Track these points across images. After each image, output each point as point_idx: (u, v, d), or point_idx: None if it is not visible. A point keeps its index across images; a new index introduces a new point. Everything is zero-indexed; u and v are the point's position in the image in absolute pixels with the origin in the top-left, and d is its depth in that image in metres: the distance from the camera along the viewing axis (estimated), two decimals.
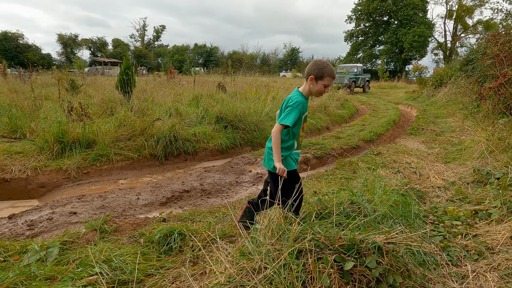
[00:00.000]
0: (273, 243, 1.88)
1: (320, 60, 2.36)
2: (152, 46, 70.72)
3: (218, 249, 2.21)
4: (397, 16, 43.45)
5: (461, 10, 42.08)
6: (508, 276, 2.06)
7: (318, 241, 1.93)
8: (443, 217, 2.98)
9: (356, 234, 2.03)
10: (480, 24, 41.45)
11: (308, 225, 2.06)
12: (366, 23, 47.26)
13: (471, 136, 6.25)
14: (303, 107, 2.37)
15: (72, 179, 4.76)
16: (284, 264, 1.75)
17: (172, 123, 5.84)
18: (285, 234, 1.99)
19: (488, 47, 6.95)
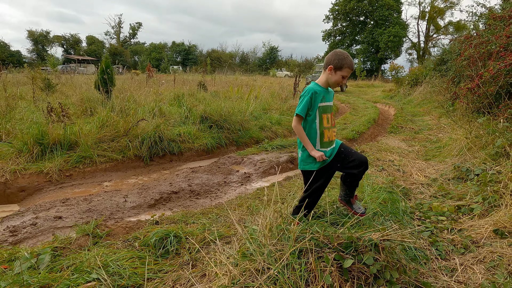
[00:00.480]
0: (274, 243, 1.91)
1: (340, 51, 2.34)
2: (128, 44, 69.09)
3: (217, 250, 2.21)
4: (373, 16, 44.49)
5: (433, 11, 43.58)
6: (494, 268, 2.17)
7: (317, 240, 1.97)
8: (428, 213, 3.10)
9: (352, 232, 2.09)
10: (451, 25, 43.09)
11: (306, 224, 2.10)
12: (343, 23, 48.13)
13: (448, 134, 6.51)
14: (315, 95, 2.33)
15: (54, 182, 4.61)
16: (286, 264, 1.78)
17: (156, 123, 5.76)
18: (284, 234, 2.02)
19: (462, 48, 7.25)
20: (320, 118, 2.37)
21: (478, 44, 6.32)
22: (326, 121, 2.39)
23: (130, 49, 65.06)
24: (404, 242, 2.09)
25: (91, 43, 61.37)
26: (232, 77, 36.11)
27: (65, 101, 9.13)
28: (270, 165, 5.24)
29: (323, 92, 2.39)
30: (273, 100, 10.68)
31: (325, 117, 2.38)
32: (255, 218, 2.79)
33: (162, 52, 63.33)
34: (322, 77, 2.41)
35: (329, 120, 2.42)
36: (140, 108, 7.20)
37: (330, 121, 2.42)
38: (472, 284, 2.07)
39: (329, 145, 2.44)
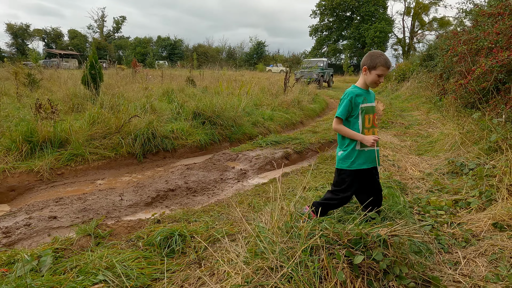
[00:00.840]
0: (285, 241, 1.90)
1: (374, 51, 2.36)
2: (112, 38, 67.66)
3: (224, 249, 2.19)
4: (360, 12, 44.84)
5: (418, 7, 44.21)
6: (496, 261, 2.23)
7: (327, 237, 1.98)
8: (427, 208, 3.16)
9: (360, 228, 2.10)
10: (435, 21, 43.84)
11: (315, 221, 2.10)
12: (330, 18, 48.34)
13: (438, 129, 6.63)
14: (355, 97, 2.36)
15: (45, 181, 4.48)
16: (299, 262, 1.78)
17: (149, 120, 5.66)
18: (294, 231, 2.01)
19: (451, 44, 7.38)
20: (362, 119, 2.39)
21: (467, 41, 6.43)
22: (368, 121, 2.41)
23: (114, 44, 63.76)
24: (412, 237, 2.12)
25: (73, 37, 59.80)
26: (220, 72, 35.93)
27: (51, 97, 8.87)
28: (266, 161, 5.23)
29: (364, 93, 2.41)
30: (263, 95, 10.65)
31: (367, 117, 2.41)
32: (259, 215, 2.78)
33: (147, 46, 62.31)
34: (361, 79, 2.45)
35: (370, 121, 2.43)
36: (130, 104, 7.07)
37: (371, 122, 2.44)
38: (476, 277, 2.11)
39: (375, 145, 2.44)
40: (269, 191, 3.70)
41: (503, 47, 5.00)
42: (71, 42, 58.49)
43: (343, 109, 2.37)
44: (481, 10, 6.43)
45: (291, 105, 9.71)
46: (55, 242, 2.41)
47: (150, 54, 56.96)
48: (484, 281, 2.06)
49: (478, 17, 6.85)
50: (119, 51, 63.80)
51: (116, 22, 67.34)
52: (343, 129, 2.39)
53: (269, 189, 3.81)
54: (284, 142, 6.12)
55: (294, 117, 8.86)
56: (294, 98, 10.12)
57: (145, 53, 59.10)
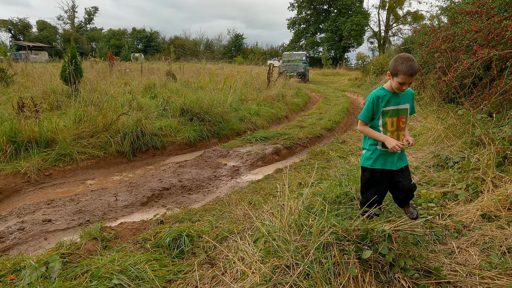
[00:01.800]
0: (298, 239, 1.97)
1: (401, 55, 2.21)
2: (84, 30, 65.18)
3: (235, 247, 2.24)
4: (336, 5, 45.29)
5: (393, 1, 45.14)
6: (488, 250, 2.39)
7: (337, 234, 2.07)
8: (418, 200, 3.31)
9: (366, 224, 2.20)
10: (409, 15, 44.97)
11: (323, 218, 2.18)
12: (307, 11, 48.54)
13: (420, 122, 6.90)
14: (378, 100, 2.33)
15: (33, 182, 4.35)
16: (314, 259, 1.85)
17: (137, 117, 5.57)
18: (305, 229, 2.09)
19: (430, 40, 7.63)
20: (383, 122, 2.36)
21: (445, 37, 6.67)
22: (390, 124, 2.36)
23: (87, 35, 61.46)
24: (414, 231, 2.24)
25: (42, 29, 57.14)
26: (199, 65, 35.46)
27: (27, 93, 8.52)
28: (257, 157, 5.29)
29: (389, 95, 2.33)
30: (248, 90, 10.67)
31: (389, 121, 2.35)
32: (261, 213, 2.84)
33: (122, 39, 60.48)
34: (389, 81, 2.39)
35: (394, 124, 2.37)
36: (114, 100, 6.91)
37: (395, 125, 2.37)
38: (471, 265, 2.27)
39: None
40: (266, 188, 3.77)
41: (482, 44, 5.25)
42: (40, 33, 55.89)
43: (364, 112, 2.38)
44: (460, 8, 6.69)
45: (276, 99, 9.78)
46: (61, 247, 2.38)
47: (125, 46, 55.42)
48: (478, 269, 2.21)
49: (456, 14, 7.11)
50: (92, 43, 61.62)
51: (88, 13, 64.88)
52: (367, 130, 2.41)
53: (265, 186, 3.88)
54: (273, 138, 6.19)
55: (279, 112, 8.94)
56: (278, 92, 10.20)
57: (119, 46, 57.37)
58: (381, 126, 2.38)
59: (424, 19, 39.19)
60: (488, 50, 4.43)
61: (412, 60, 2.16)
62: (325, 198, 2.79)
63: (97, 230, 2.49)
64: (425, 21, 37.08)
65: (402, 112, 2.38)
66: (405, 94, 2.38)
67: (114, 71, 17.43)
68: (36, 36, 56.01)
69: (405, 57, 2.18)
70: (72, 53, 8.11)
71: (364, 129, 2.43)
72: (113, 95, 7.96)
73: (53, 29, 58.56)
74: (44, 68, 17.49)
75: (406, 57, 2.18)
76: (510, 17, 4.79)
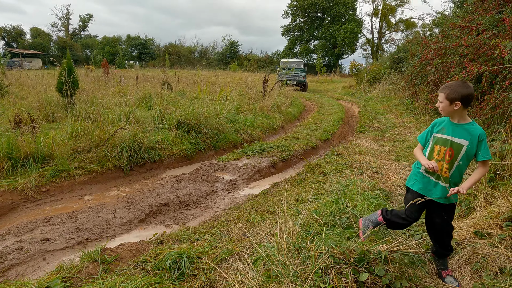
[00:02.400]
0: (297, 263, 2.02)
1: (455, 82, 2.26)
2: (78, 37, 65.10)
3: (235, 269, 2.28)
4: (330, 13, 45.84)
5: (385, 9, 45.81)
6: (480, 270, 2.46)
7: (335, 256, 2.12)
8: None
9: (363, 245, 2.26)
10: (402, 22, 45.65)
11: (321, 241, 2.23)
12: (301, 19, 49.05)
13: (412, 133, 7.01)
14: (435, 125, 2.36)
15: (30, 199, 4.35)
16: (313, 283, 1.90)
17: (134, 131, 5.60)
18: (304, 253, 2.14)
19: (422, 52, 7.80)
20: (431, 147, 2.35)
21: (437, 49, 6.82)
22: (436, 152, 2.31)
23: (81, 42, 61.39)
24: (409, 252, 2.30)
25: (36, 36, 56.94)
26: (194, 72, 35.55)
27: (22, 105, 8.50)
28: (254, 170, 5.34)
29: (446, 123, 2.30)
30: (243, 100, 10.75)
31: (436, 148, 2.31)
32: (259, 231, 2.88)
33: (117, 46, 60.50)
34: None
35: (441, 153, 2.29)
36: (109, 112, 6.94)
37: (441, 154, 2.29)
38: (465, 285, 2.33)
39: (436, 177, 2.33)
40: (263, 205, 3.81)
41: (472, 59, 5.38)
42: (34, 41, 55.69)
43: (422, 134, 2.46)
44: (451, 22, 6.85)
45: (271, 109, 9.86)
46: (61, 270, 2.39)
47: (119, 53, 55.39)
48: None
49: (446, 27, 7.28)
50: (86, 50, 61.54)
51: (82, 20, 64.86)
52: (416, 152, 2.45)
53: (263, 202, 3.92)
54: (269, 150, 6.25)
55: (275, 122, 9.01)
56: (274, 102, 10.28)
57: (114, 53, 57.35)
58: (428, 150, 2.38)
59: (416, 27, 39.80)
60: (478, 66, 4.56)
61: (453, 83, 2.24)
62: (322, 216, 2.84)
63: (98, 253, 2.52)
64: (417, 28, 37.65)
65: (453, 145, 2.24)
66: (468, 131, 2.23)
67: (109, 79, 17.46)
68: (30, 43, 55.82)
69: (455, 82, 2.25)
70: (68, 65, 8.13)
71: (416, 150, 2.47)
72: (107, 105, 7.99)
73: (47, 36, 58.40)
74: (38, 77, 17.46)
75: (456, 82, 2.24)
76: (499, 33, 4.93)
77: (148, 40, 60.88)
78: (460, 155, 2.24)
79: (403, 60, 14.40)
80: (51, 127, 6.72)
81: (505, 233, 2.71)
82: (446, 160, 2.27)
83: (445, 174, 2.28)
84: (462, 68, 5.23)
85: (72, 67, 8.31)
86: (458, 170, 2.29)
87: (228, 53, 56.22)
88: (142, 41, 60.28)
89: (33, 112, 7.50)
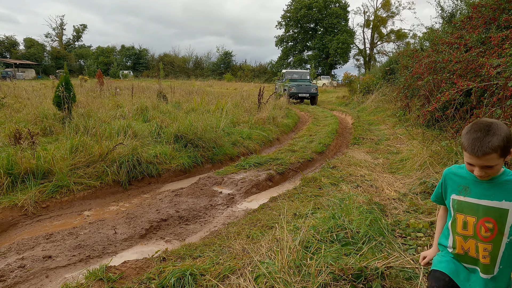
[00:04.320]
0: (298, 280, 2.11)
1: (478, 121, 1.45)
2: (72, 47, 65.20)
3: (239, 287, 2.35)
4: (323, 24, 46.65)
5: (377, 20, 46.74)
6: None
7: (334, 273, 2.21)
8: (407, 230, 3.50)
9: (359, 260, 2.36)
10: (393, 33, 46.58)
11: (320, 257, 2.32)
12: (295, 29, 49.81)
13: (406, 145, 7.18)
14: (449, 179, 1.65)
15: (30, 215, 4.38)
16: None
17: (133, 146, 5.68)
18: (303, 269, 2.23)
19: (413, 65, 8.03)
20: (453, 217, 1.61)
21: (428, 64, 7.04)
22: (462, 225, 1.56)
23: (75, 53, 61.45)
24: (405, 268, 2.40)
25: (29, 46, 56.95)
26: (188, 83, 35.78)
27: (19, 118, 8.53)
28: (251, 184, 5.43)
29: (467, 179, 1.56)
30: (239, 112, 10.88)
31: (460, 218, 1.57)
32: (259, 247, 2.96)
33: (111, 56, 60.69)
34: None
35: (468, 226, 1.54)
36: (107, 125, 7.00)
37: (470, 228, 1.53)
38: None
39: (467, 262, 1.57)
40: (262, 220, 3.90)
41: (461, 74, 5.59)
42: (28, 51, 55.64)
43: (434, 192, 1.76)
44: (440, 38, 7.10)
45: (267, 122, 10.00)
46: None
47: (113, 63, 55.51)
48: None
49: (436, 42, 7.52)
50: (80, 61, 61.61)
51: (76, 31, 65.07)
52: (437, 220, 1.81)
53: (261, 217, 4.01)
54: (266, 163, 6.35)
55: (270, 134, 9.14)
56: (269, 114, 10.43)
57: (108, 63, 57.48)
58: (450, 222, 1.64)
59: (407, 37, 40.61)
60: (467, 82, 4.75)
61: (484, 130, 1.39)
62: (320, 232, 2.93)
63: (103, 271, 2.58)
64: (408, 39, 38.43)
65: (489, 212, 1.48)
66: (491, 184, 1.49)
67: (104, 90, 17.52)
68: (23, 54, 55.76)
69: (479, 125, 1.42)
70: (65, 79, 8.20)
71: (438, 216, 1.80)
72: (104, 118, 8.06)
73: (40, 47, 58.42)
74: (34, 88, 17.46)
75: (480, 125, 1.42)
76: (486, 51, 5.15)
77: (142, 50, 61.20)
78: (508, 226, 1.46)
79: (395, 72, 14.71)
80: (48, 141, 6.76)
81: None
82: (482, 237, 1.50)
83: (484, 260, 1.50)
84: (452, 84, 5.43)
85: (70, 81, 8.38)
86: (509, 252, 1.48)
87: (222, 63, 56.68)
88: (136, 51, 60.58)
89: (30, 126, 7.53)
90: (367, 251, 2.58)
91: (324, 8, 45.95)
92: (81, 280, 2.63)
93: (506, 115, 4.12)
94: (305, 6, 45.69)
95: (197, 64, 60.59)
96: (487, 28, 5.78)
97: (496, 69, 4.40)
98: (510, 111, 4.12)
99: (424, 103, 6.12)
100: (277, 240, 2.92)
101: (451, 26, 7.96)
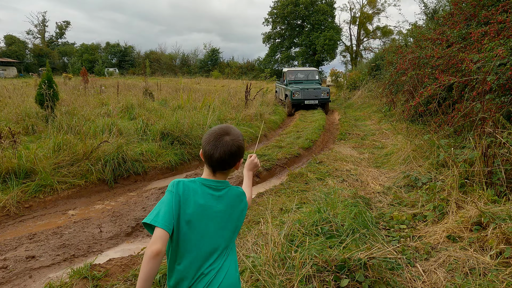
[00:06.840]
0: (283, 273, 2.13)
1: (214, 128, 1.38)
2: (55, 44, 63.70)
3: None
4: (310, 21, 46.73)
5: (363, 17, 47.12)
6: (453, 271, 2.64)
7: (317, 265, 2.25)
8: (391, 222, 3.57)
9: (342, 252, 2.40)
10: (379, 30, 47.05)
11: (304, 250, 2.36)
12: (282, 26, 49.76)
13: (390, 140, 7.29)
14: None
15: (12, 215, 4.30)
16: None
17: (118, 144, 5.61)
18: (287, 261, 2.26)
19: (398, 61, 8.15)
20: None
21: (411, 60, 7.16)
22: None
23: (58, 50, 60.08)
24: (387, 258, 2.45)
25: (10, 43, 55.35)
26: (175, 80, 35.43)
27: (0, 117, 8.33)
28: (239, 180, 5.43)
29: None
30: (226, 108, 10.85)
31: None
32: (245, 242, 2.98)
33: (96, 53, 59.55)
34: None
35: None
36: (92, 124, 6.89)
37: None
38: (440, 285, 2.50)
39: None
40: (248, 215, 3.91)
41: (443, 69, 5.70)
42: (8, 49, 54.10)
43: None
44: (423, 34, 7.22)
45: (254, 118, 10.00)
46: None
47: (98, 61, 54.52)
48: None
49: (419, 38, 7.65)
50: (64, 58, 60.30)
51: (59, 27, 63.57)
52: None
53: (248, 212, 4.02)
54: None
55: (258, 131, 9.15)
56: (257, 111, 10.43)
57: (93, 60, 56.40)
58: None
59: (393, 34, 41.09)
60: (449, 77, 4.85)
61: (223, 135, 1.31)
62: (305, 226, 2.97)
63: (87, 269, 2.55)
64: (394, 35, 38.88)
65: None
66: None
67: (88, 88, 17.21)
68: (4, 51, 54.22)
69: (214, 132, 1.33)
70: (48, 76, 8.03)
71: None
72: (88, 116, 7.93)
73: (22, 44, 56.85)
74: (15, 87, 17.03)
75: (216, 132, 1.33)
76: (467, 46, 5.27)
77: (128, 48, 60.26)
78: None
79: (381, 68, 14.90)
80: (31, 140, 6.63)
81: (474, 237, 2.92)
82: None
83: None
84: (434, 79, 5.54)
85: (52, 78, 8.21)
86: None
87: (209, 60, 56.28)
88: (122, 49, 59.62)
89: (12, 125, 7.36)
90: (350, 243, 2.62)
91: (310, 5, 46.04)
92: (65, 279, 2.60)
93: (485, 109, 4.24)
94: (291, 2, 45.70)
95: (184, 61, 60.00)
96: (467, 24, 5.91)
97: (476, 64, 4.51)
98: (489, 105, 4.24)
99: (408, 98, 6.23)
100: (263, 234, 2.94)
101: (434, 22, 8.10)
